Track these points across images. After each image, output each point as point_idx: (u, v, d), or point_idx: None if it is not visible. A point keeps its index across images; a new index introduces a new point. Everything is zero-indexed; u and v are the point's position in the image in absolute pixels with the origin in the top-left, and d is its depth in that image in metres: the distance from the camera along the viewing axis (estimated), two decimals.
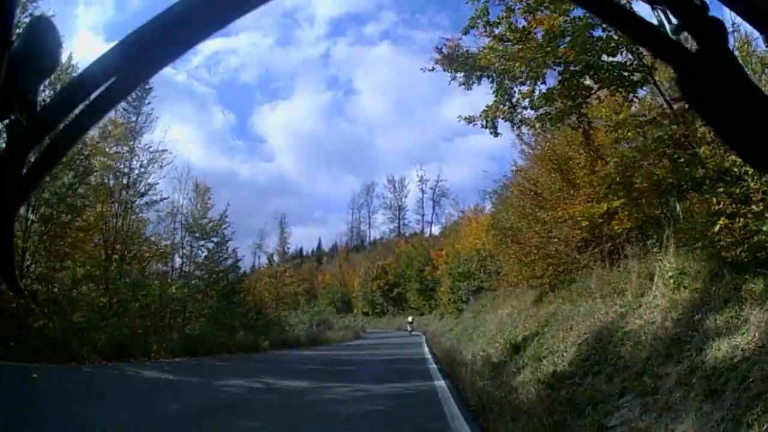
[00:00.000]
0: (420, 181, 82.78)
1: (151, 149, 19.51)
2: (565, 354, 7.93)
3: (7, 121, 0.54)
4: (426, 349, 20.65)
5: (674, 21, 0.49)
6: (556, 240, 12.22)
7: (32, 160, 0.54)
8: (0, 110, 0.53)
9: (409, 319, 41.57)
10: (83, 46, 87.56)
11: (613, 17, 0.50)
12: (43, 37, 0.56)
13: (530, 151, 14.55)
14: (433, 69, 8.10)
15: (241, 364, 14.54)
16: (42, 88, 0.60)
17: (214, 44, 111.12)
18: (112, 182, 18.54)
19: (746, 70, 0.62)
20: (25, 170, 0.54)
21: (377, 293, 58.45)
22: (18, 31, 0.55)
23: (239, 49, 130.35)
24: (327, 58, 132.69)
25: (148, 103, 19.98)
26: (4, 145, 0.56)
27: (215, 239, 22.46)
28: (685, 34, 0.48)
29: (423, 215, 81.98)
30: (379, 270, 58.96)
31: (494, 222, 21.71)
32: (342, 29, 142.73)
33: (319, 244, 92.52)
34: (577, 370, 6.90)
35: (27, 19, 0.62)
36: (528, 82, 7.58)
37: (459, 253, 34.79)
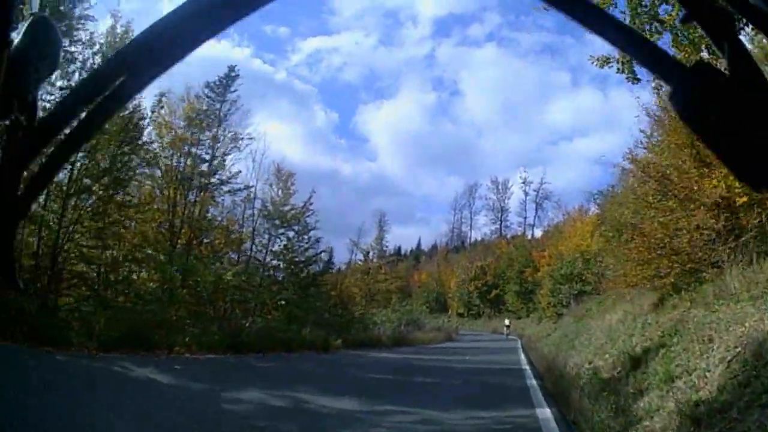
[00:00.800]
0: (523, 183, 79.17)
1: (232, 135, 19.24)
2: (708, 374, 5.86)
3: (7, 122, 0.53)
4: (523, 357, 18.78)
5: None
6: (684, 232, 10.03)
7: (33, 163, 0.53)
8: (0, 111, 0.52)
9: (506, 322, 40.66)
10: None
11: (602, 28, 0.47)
12: (44, 38, 0.55)
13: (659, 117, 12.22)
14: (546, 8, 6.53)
15: (292, 365, 12.76)
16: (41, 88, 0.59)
17: (315, 43, 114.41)
18: (182, 166, 18.08)
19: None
20: (26, 175, 0.52)
21: (474, 294, 56.81)
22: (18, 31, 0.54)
23: (341, 48, 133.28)
24: (431, 59, 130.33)
25: (234, 91, 19.48)
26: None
27: (296, 228, 21.29)
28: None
29: (525, 218, 78.47)
30: (478, 270, 57.31)
31: (602, 219, 19.62)
32: (446, 30, 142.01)
33: (419, 244, 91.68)
34: (734, 400, 4.86)
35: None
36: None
37: (562, 255, 33.49)
